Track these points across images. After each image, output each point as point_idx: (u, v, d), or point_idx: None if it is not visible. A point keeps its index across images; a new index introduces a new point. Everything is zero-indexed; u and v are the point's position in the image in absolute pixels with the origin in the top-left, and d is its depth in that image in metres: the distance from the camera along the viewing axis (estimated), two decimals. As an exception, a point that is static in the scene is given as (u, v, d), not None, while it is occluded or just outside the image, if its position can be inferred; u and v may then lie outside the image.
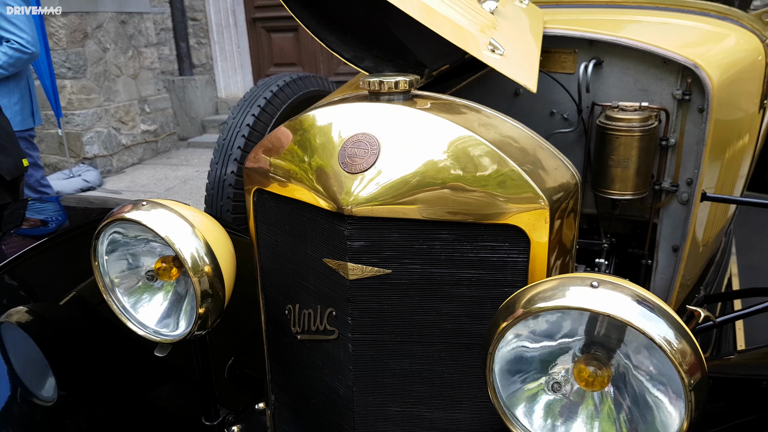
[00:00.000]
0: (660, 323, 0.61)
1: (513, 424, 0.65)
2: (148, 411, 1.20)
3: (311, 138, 0.85)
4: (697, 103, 1.28)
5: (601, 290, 0.61)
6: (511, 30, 1.09)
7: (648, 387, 0.64)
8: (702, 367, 0.61)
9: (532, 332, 0.66)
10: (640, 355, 0.65)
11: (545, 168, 0.80)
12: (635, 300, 0.60)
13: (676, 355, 0.60)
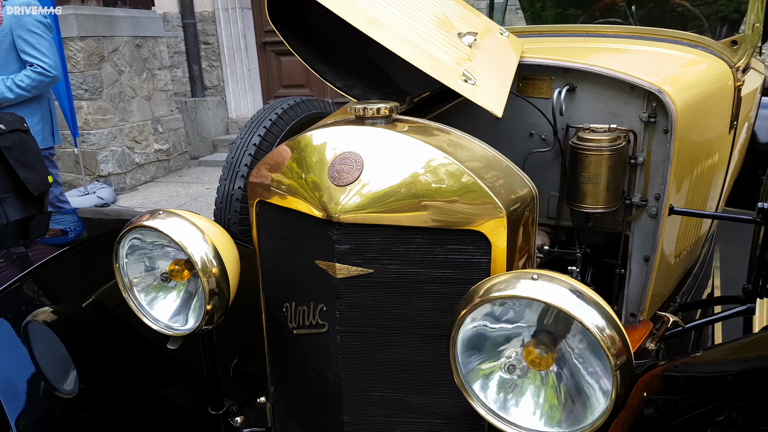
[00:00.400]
0: (593, 312, 0.72)
1: (471, 397, 0.77)
2: (159, 402, 1.32)
3: (306, 156, 0.98)
4: (662, 124, 1.41)
5: (540, 282, 0.73)
6: (487, 61, 1.22)
7: (585, 367, 0.76)
8: (627, 352, 0.73)
9: (489, 318, 0.78)
10: (580, 342, 0.76)
11: (505, 182, 0.92)
12: (570, 290, 0.72)
13: (605, 340, 0.71)
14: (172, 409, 1.34)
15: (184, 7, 6.76)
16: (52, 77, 2.74)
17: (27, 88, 2.64)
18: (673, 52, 1.74)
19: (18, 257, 1.45)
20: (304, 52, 1.13)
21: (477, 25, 1.41)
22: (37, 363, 1.25)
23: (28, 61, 2.72)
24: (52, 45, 2.81)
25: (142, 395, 1.31)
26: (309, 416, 1.09)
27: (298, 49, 1.12)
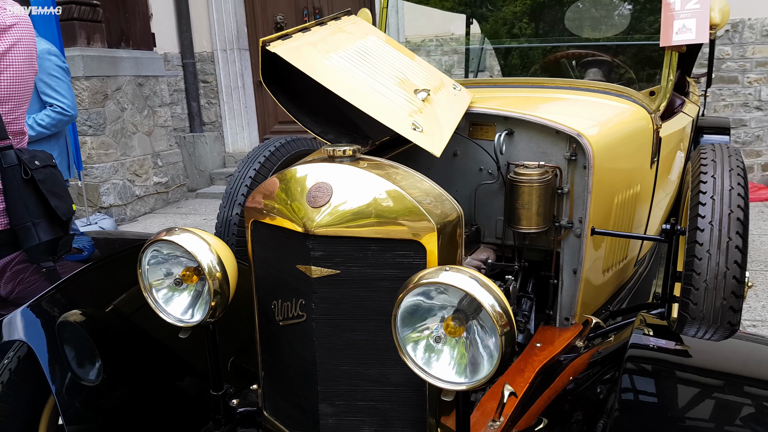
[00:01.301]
0: (487, 294, 1.02)
1: (405, 356, 1.06)
2: (169, 387, 1.60)
3: (291, 186, 1.29)
4: (582, 162, 1.73)
5: (451, 272, 1.03)
6: (435, 112, 1.55)
7: (483, 337, 1.05)
8: (511, 324, 1.02)
9: (421, 299, 1.07)
10: (482, 319, 1.06)
11: (437, 206, 1.23)
12: (470, 278, 1.03)
13: (495, 315, 1.01)
14: (181, 393, 1.62)
15: (184, 48, 7.17)
16: (69, 116, 3.04)
17: (47, 126, 2.94)
18: (601, 100, 2.09)
19: (50, 271, 1.74)
20: (290, 105, 1.46)
21: (432, 82, 1.74)
22: (68, 356, 1.53)
23: (48, 102, 3.03)
24: (70, 87, 3.13)
25: (155, 382, 1.59)
26: (291, 391, 1.38)
27: (285, 103, 1.45)
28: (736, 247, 1.45)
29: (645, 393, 1.05)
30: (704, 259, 1.47)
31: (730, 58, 5.98)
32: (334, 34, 1.63)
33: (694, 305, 1.47)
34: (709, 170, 1.59)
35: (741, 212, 1.49)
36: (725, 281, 1.44)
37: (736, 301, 1.44)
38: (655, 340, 1.19)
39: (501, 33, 3.56)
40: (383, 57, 1.68)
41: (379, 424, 1.29)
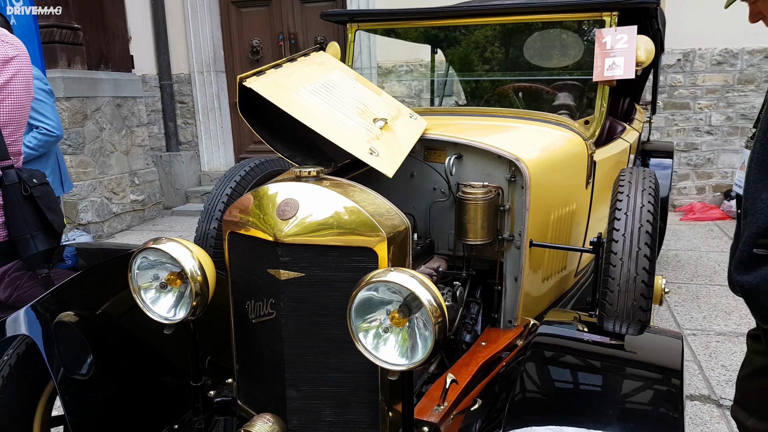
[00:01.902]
0: (425, 291, 1.25)
1: (358, 342, 1.28)
2: (153, 380, 1.79)
3: (263, 201, 1.51)
4: (520, 183, 1.98)
5: (395, 273, 1.25)
6: (390, 139, 1.79)
7: (422, 324, 1.27)
8: (443, 316, 1.24)
9: (372, 293, 1.29)
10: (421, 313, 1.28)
11: (388, 218, 1.46)
12: (413, 278, 1.25)
13: (431, 308, 1.23)
14: (163, 386, 1.80)
15: (162, 70, 7.35)
16: (55, 137, 3.19)
17: (35, 147, 3.09)
18: (541, 128, 2.36)
19: (47, 276, 1.92)
20: (263, 132, 1.68)
21: (390, 112, 1.99)
22: (63, 351, 1.69)
23: (34, 124, 3.18)
24: (54, 108, 3.28)
25: (140, 376, 1.77)
26: (262, 380, 1.58)
27: (258, 130, 1.67)
28: (645, 256, 1.71)
29: (541, 369, 1.29)
30: (617, 266, 1.72)
31: (682, 86, 6.39)
32: (303, 70, 1.86)
33: (609, 305, 1.72)
34: (624, 190, 1.86)
35: (650, 226, 1.75)
36: (635, 285, 1.69)
37: (644, 301, 1.69)
38: (561, 330, 1.42)
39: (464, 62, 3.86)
40: (347, 90, 1.92)
41: (339, 406, 1.50)
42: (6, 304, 1.68)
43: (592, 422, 1.05)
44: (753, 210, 1.36)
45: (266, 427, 1.43)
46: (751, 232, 1.37)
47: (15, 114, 2.08)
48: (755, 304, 1.39)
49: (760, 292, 1.36)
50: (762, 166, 1.36)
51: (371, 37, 6.32)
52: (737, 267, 1.42)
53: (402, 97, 6.70)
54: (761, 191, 1.34)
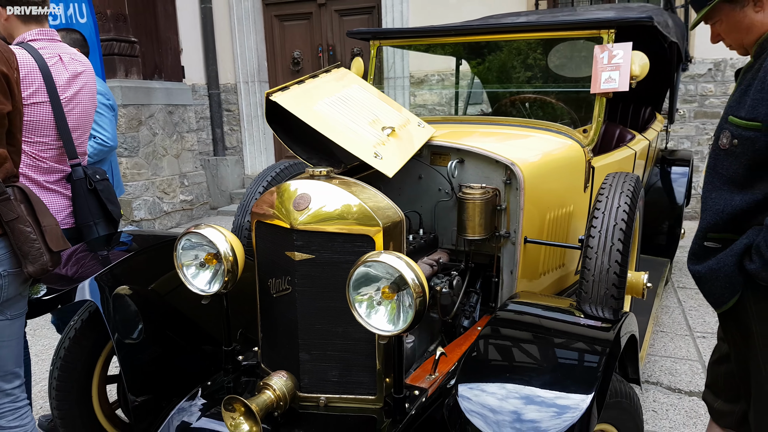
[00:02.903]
0: (409, 271, 1.51)
1: (354, 310, 1.55)
2: (192, 345, 2.11)
3: (283, 195, 1.81)
4: (515, 185, 2.21)
5: (387, 255, 1.52)
6: (395, 145, 2.07)
7: (407, 299, 1.54)
8: (424, 294, 1.50)
9: (369, 270, 1.56)
10: (407, 291, 1.54)
11: (384, 211, 1.73)
12: (400, 259, 1.52)
13: (414, 286, 1.50)
14: (199, 350, 2.12)
15: (210, 80, 7.84)
16: (109, 147, 3.55)
17: (91, 155, 3.46)
18: (541, 135, 2.59)
19: (107, 256, 2.26)
20: (286, 138, 1.99)
21: (399, 121, 2.27)
22: (116, 319, 2.02)
23: (92, 134, 3.57)
24: (112, 122, 3.66)
25: (181, 342, 2.10)
26: (280, 345, 1.87)
27: (282, 137, 1.98)
28: (618, 251, 1.93)
29: (494, 336, 1.54)
30: (593, 259, 1.94)
31: (713, 95, 6.44)
32: (324, 85, 2.17)
33: (585, 293, 1.94)
34: (604, 192, 2.07)
35: (624, 224, 1.96)
36: (608, 276, 1.91)
37: (616, 291, 1.91)
38: (522, 307, 1.67)
39: (486, 73, 4.10)
40: (361, 102, 2.21)
41: (343, 369, 1.78)
42: (74, 277, 2.03)
43: (523, 379, 1.31)
44: (704, 208, 1.59)
45: (281, 382, 1.72)
46: (702, 227, 1.59)
47: (82, 121, 2.46)
48: (704, 290, 1.61)
49: (708, 279, 1.57)
50: (713, 170, 1.58)
51: (403, 50, 6.62)
52: (690, 258, 1.66)
53: (433, 106, 6.96)
54: (711, 191, 1.56)
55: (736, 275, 1.51)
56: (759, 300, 1.52)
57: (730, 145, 1.50)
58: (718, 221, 1.55)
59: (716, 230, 1.56)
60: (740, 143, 1.47)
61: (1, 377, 1.70)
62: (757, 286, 1.51)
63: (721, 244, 1.56)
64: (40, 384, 3.22)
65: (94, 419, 2.18)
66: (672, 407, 2.77)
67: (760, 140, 1.43)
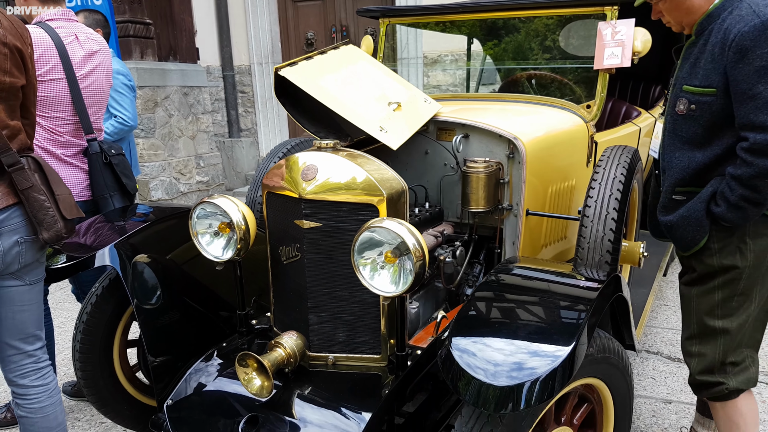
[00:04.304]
0: (410, 237, 1.60)
1: (359, 272, 1.65)
2: (208, 309, 2.22)
3: (291, 166, 1.90)
4: (518, 159, 2.28)
5: (389, 221, 1.61)
6: (400, 119, 2.14)
7: (408, 263, 1.63)
8: (424, 258, 1.59)
9: (373, 236, 1.65)
10: (407, 255, 1.63)
11: (388, 182, 1.81)
12: (402, 225, 1.61)
13: (415, 250, 1.58)
14: (215, 314, 2.24)
15: (225, 62, 7.93)
16: (129, 126, 3.67)
17: (111, 133, 3.59)
18: (545, 111, 2.64)
19: (124, 226, 2.37)
20: (294, 112, 2.07)
21: (404, 96, 2.34)
22: (135, 285, 2.13)
23: (113, 113, 3.70)
24: (132, 102, 3.78)
25: (198, 307, 2.21)
26: (290, 308, 1.97)
27: (290, 111, 2.06)
28: (612, 219, 2.00)
29: (487, 293, 1.63)
30: (588, 228, 2.01)
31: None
32: (331, 61, 2.24)
33: (580, 260, 2.02)
34: (602, 164, 2.14)
35: (619, 194, 2.03)
36: (602, 243, 1.98)
37: (610, 257, 1.98)
38: (516, 267, 1.75)
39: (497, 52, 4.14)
40: (368, 78, 2.29)
41: (349, 330, 1.88)
42: (92, 246, 2.14)
43: (511, 330, 1.40)
44: (669, 167, 1.83)
45: (292, 340, 1.83)
46: (670, 183, 1.83)
47: (97, 97, 2.56)
48: (676, 236, 1.83)
49: (680, 226, 1.80)
50: (673, 133, 1.81)
51: (417, 30, 6.63)
52: (660, 210, 1.88)
53: (446, 86, 6.99)
54: (674, 152, 1.76)
55: (704, 219, 1.75)
56: (721, 239, 1.77)
57: (688, 110, 1.74)
58: (685, 176, 1.78)
59: (683, 185, 1.80)
60: (698, 108, 1.71)
61: (24, 339, 1.82)
62: (720, 227, 1.76)
63: (686, 197, 1.80)
64: (63, 353, 3.38)
65: (116, 381, 2.31)
66: (670, 375, 2.84)
67: (715, 103, 1.68)
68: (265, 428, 1.69)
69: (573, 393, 1.63)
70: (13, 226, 1.67)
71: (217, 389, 1.91)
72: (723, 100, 1.67)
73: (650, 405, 2.66)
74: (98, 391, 2.25)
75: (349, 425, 1.65)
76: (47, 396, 1.84)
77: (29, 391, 1.81)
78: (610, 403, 1.76)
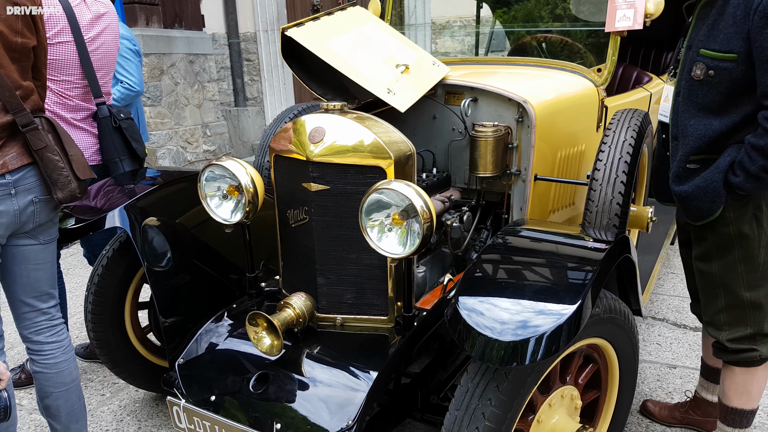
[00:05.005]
0: (418, 198, 1.60)
1: (367, 234, 1.65)
2: (217, 271, 2.25)
3: (299, 129, 1.89)
4: (527, 123, 2.26)
5: (397, 183, 1.61)
6: (407, 81, 2.12)
7: (416, 225, 1.63)
8: (431, 220, 1.59)
9: (381, 197, 1.65)
10: (415, 218, 1.63)
11: (396, 145, 1.81)
12: (410, 187, 1.60)
13: (423, 212, 1.59)
14: (225, 277, 2.27)
15: (230, 29, 7.84)
16: (136, 92, 3.64)
17: (117, 99, 3.55)
18: (555, 74, 2.61)
19: (133, 189, 2.37)
20: (301, 74, 2.06)
21: (412, 59, 2.31)
22: (145, 247, 2.15)
23: (119, 79, 3.67)
24: (138, 67, 3.74)
25: (208, 269, 2.24)
26: (299, 271, 1.99)
27: (297, 73, 2.05)
28: (621, 182, 1.99)
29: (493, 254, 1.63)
30: (597, 191, 2.01)
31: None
32: (338, 22, 2.21)
33: (588, 223, 2.01)
34: (612, 127, 2.12)
35: (629, 157, 2.01)
36: (610, 206, 1.98)
37: (618, 221, 1.98)
38: (521, 229, 1.75)
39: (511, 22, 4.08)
40: (376, 40, 2.26)
41: (357, 292, 1.90)
42: (103, 208, 2.16)
43: (518, 289, 1.41)
44: (684, 134, 1.71)
45: (300, 301, 1.85)
46: (685, 152, 1.72)
47: (105, 60, 2.55)
48: (690, 206, 1.76)
49: (695, 196, 1.73)
50: (688, 99, 1.71)
51: (426, -5, 6.52)
52: (674, 180, 1.80)
53: (455, 53, 6.90)
54: (689, 119, 1.67)
55: (722, 189, 1.69)
56: (737, 207, 1.72)
57: (705, 76, 1.65)
58: (701, 145, 1.71)
59: (698, 153, 1.73)
60: (717, 74, 1.62)
61: (38, 297, 1.85)
62: (736, 196, 1.70)
63: (700, 165, 1.73)
64: (75, 317, 3.44)
65: (128, 341, 2.35)
66: (676, 341, 2.86)
67: (736, 70, 1.58)
68: (274, 385, 1.72)
69: (578, 353, 1.65)
70: (28, 186, 1.69)
71: (228, 348, 1.94)
72: (744, 67, 1.57)
73: (655, 370, 2.69)
74: (110, 351, 2.30)
75: (356, 383, 1.68)
76: (61, 352, 1.88)
77: (44, 348, 1.85)
78: (616, 364, 1.78)
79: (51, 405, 1.89)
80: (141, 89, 3.63)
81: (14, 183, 1.65)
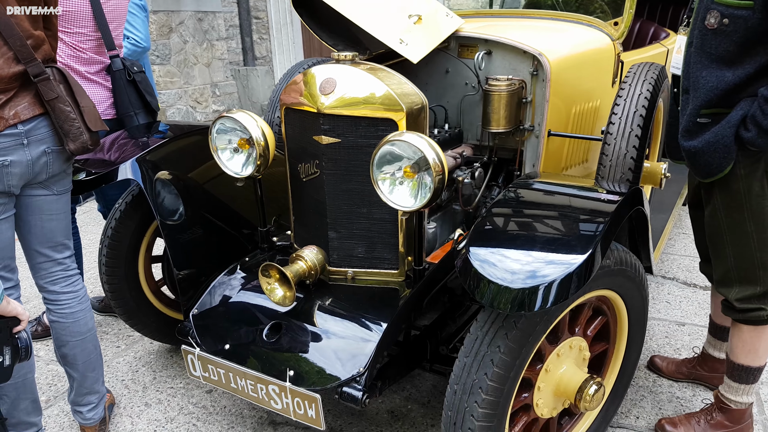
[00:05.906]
0: (430, 150, 1.59)
1: (378, 187, 1.65)
2: (230, 225, 2.26)
3: (309, 80, 1.87)
4: (542, 76, 2.22)
5: (409, 134, 1.60)
6: (420, 32, 2.08)
7: (427, 178, 1.62)
8: (443, 171, 1.58)
9: (393, 149, 1.64)
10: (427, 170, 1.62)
11: (408, 97, 1.78)
12: (422, 139, 1.59)
13: (435, 165, 1.58)
14: (238, 231, 2.28)
15: (239, -15, 7.69)
16: (142, 48, 3.58)
17: (124, 55, 3.55)
18: (571, 27, 2.55)
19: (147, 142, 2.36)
20: (312, 23, 2.02)
21: (426, 9, 2.26)
22: (158, 201, 2.15)
23: (125, 35, 3.62)
24: (144, 22, 3.67)
25: (220, 223, 2.25)
26: (310, 225, 2.00)
27: (309, 23, 2.01)
28: (636, 136, 1.96)
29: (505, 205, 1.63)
30: (611, 145, 1.98)
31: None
32: (350, -27, 2.16)
33: (601, 178, 2.00)
34: (627, 80, 2.07)
35: (644, 110, 1.98)
36: (624, 161, 1.96)
37: (632, 175, 1.96)
38: (533, 181, 1.74)
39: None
40: (388, -10, 2.21)
41: (368, 246, 1.91)
42: (116, 161, 2.16)
43: (529, 238, 1.41)
44: (695, 86, 1.67)
45: (312, 254, 1.86)
46: (695, 105, 1.67)
47: (117, 12, 2.52)
48: (699, 162, 1.71)
49: (705, 152, 1.67)
50: (701, 50, 1.64)
51: (438, -51, 6.34)
52: (683, 135, 1.74)
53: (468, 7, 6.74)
54: (701, 70, 1.62)
55: (733, 144, 1.63)
56: (748, 164, 1.67)
57: (719, 24, 1.56)
58: (712, 98, 1.64)
59: (709, 106, 1.66)
60: (731, 22, 1.54)
61: (53, 248, 1.87)
62: (747, 152, 1.65)
63: (711, 119, 1.66)
64: (90, 272, 3.49)
65: (142, 294, 2.39)
66: (685, 299, 2.87)
67: (752, 18, 1.50)
68: (287, 335, 1.75)
69: (588, 304, 1.66)
70: (41, 136, 1.69)
71: (241, 300, 1.97)
72: (761, 15, 1.50)
73: (664, 327, 2.70)
74: (125, 303, 2.34)
75: (367, 334, 1.70)
76: (77, 302, 1.91)
77: (60, 297, 1.89)
78: (625, 317, 1.79)
79: (68, 354, 1.94)
80: (148, 45, 3.58)
81: (26, 133, 1.66)
